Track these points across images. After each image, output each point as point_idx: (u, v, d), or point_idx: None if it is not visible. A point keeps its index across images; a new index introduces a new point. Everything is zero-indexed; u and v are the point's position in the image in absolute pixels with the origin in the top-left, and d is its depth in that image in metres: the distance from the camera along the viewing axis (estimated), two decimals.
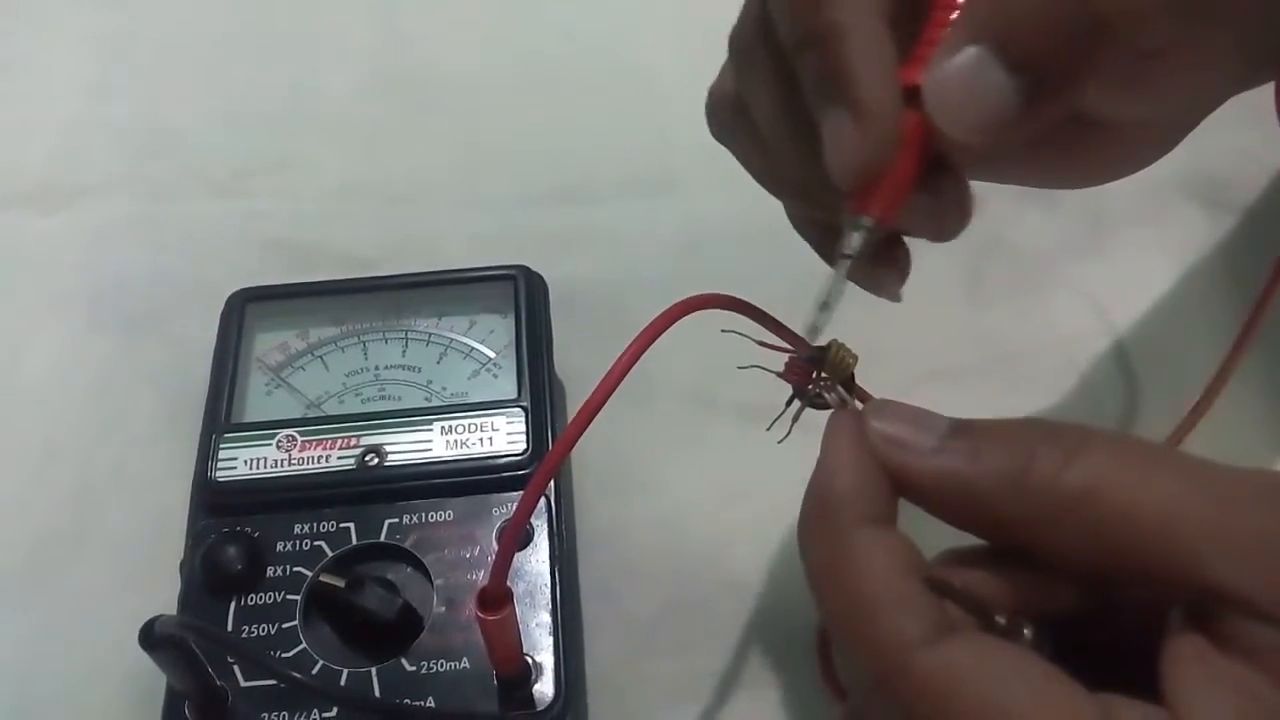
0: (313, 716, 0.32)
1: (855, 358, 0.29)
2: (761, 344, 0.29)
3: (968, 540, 0.26)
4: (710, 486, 0.41)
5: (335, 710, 0.32)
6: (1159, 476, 0.23)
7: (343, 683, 0.33)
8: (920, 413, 0.26)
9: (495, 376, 0.39)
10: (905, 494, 0.26)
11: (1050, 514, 0.23)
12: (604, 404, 0.26)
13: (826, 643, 0.37)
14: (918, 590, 0.24)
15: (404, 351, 0.40)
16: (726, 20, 0.30)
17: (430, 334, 0.40)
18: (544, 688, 0.32)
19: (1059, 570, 0.24)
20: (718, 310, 0.29)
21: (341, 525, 0.35)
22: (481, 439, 0.37)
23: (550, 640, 0.33)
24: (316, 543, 0.35)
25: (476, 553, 0.35)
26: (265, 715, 0.32)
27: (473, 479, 0.36)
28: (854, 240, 0.26)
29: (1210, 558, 0.22)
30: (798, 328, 0.28)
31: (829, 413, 0.28)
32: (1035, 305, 0.45)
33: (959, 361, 0.43)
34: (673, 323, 0.27)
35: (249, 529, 0.35)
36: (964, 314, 0.45)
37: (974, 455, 0.24)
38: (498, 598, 0.29)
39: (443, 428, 0.37)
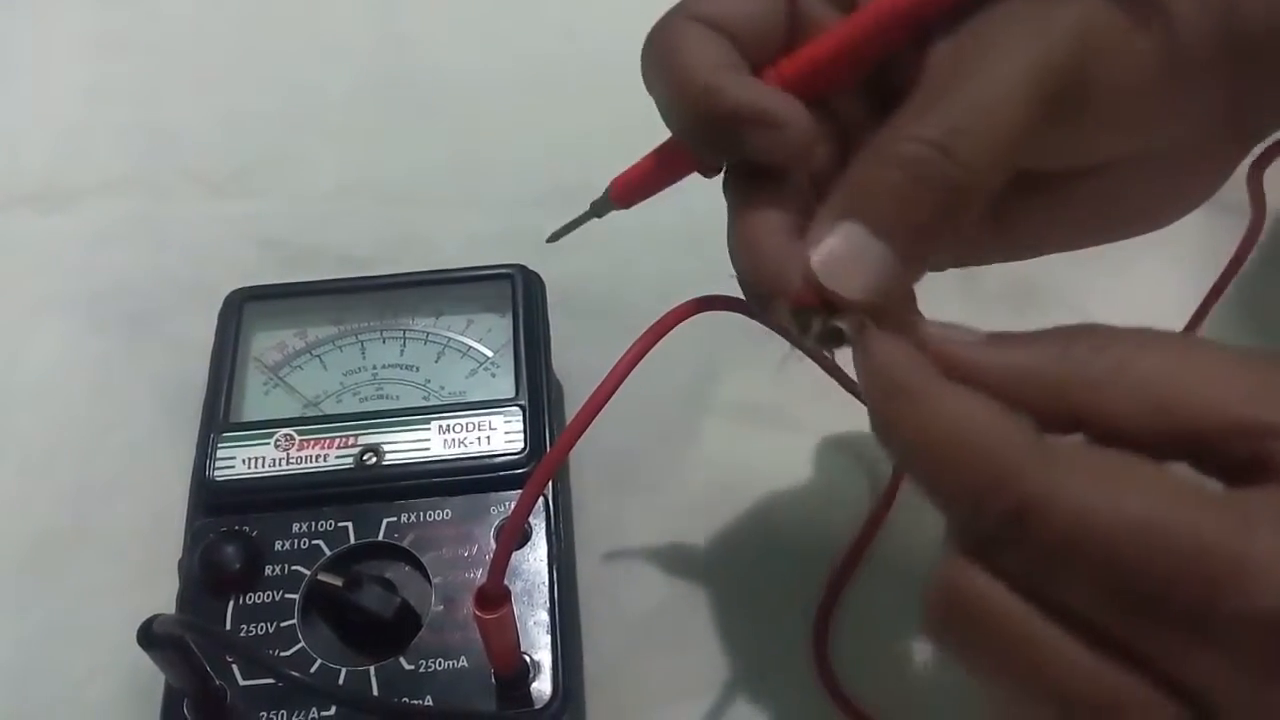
0: (311, 715, 0.32)
1: None
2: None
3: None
4: (707, 484, 0.41)
5: (333, 709, 0.32)
6: (1199, 350, 0.24)
7: (341, 681, 0.33)
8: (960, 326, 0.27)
9: (493, 375, 0.39)
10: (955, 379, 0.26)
11: (1100, 377, 0.24)
12: (603, 407, 0.26)
13: (823, 641, 0.37)
14: (1015, 418, 0.24)
15: (402, 350, 0.40)
16: None
17: (428, 333, 0.41)
18: (542, 686, 0.32)
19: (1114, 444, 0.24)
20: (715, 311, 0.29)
21: (340, 524, 0.35)
22: (479, 438, 0.37)
23: (548, 639, 0.33)
24: (315, 542, 0.35)
25: (474, 551, 0.35)
26: (264, 714, 0.32)
27: (470, 478, 0.36)
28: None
29: (1267, 406, 0.23)
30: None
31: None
32: (1032, 309, 0.45)
33: None
34: (674, 326, 0.27)
35: (247, 528, 0.35)
36: (958, 317, 0.45)
37: (1021, 342, 0.25)
38: (496, 596, 0.29)
39: (440, 427, 0.37)
